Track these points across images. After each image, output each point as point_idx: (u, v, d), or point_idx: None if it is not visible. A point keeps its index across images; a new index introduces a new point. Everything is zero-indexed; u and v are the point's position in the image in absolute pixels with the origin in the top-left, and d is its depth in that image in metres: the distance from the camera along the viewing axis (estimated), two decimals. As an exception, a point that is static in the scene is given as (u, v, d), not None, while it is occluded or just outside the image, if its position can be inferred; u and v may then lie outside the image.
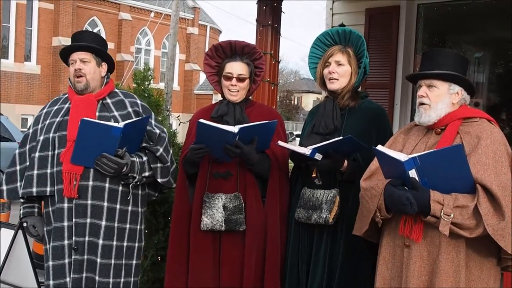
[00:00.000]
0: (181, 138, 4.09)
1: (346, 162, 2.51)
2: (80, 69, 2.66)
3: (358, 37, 2.69)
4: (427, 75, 2.21)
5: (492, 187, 1.94)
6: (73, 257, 2.59)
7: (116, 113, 2.70)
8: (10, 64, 18.38)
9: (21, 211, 2.75)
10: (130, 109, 2.75)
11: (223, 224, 2.61)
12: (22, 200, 2.73)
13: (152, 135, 2.74)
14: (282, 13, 4.53)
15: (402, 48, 5.13)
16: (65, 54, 2.75)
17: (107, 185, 2.62)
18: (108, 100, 2.74)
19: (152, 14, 21.99)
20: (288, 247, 2.71)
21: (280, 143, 2.55)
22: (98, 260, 2.61)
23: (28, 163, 2.69)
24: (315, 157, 2.47)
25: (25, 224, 2.73)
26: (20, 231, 3.17)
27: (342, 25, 2.85)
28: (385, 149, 2.11)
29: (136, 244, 2.75)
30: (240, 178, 2.67)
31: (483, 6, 5.38)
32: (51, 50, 19.59)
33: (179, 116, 4.46)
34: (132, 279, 2.74)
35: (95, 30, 21.81)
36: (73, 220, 2.58)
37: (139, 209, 2.77)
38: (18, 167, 2.73)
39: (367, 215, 2.20)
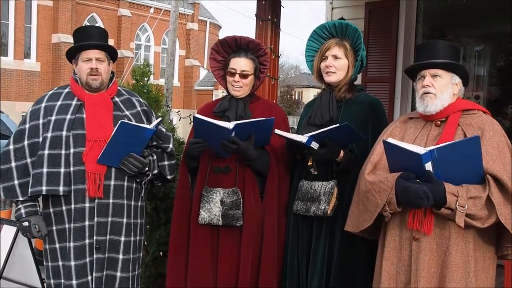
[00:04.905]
0: (180, 133, 4.10)
1: (342, 153, 2.51)
2: (97, 68, 2.65)
3: (354, 30, 2.68)
4: (432, 64, 2.19)
5: (503, 177, 1.97)
6: (95, 256, 2.61)
7: (127, 112, 2.74)
8: (10, 61, 18.36)
9: (22, 210, 2.65)
10: (139, 108, 2.81)
11: (220, 219, 2.62)
12: (21, 199, 2.64)
13: (160, 134, 2.80)
14: (281, 7, 4.52)
15: (402, 42, 5.13)
16: (76, 50, 2.69)
17: (125, 183, 2.68)
18: (117, 99, 2.77)
19: (152, 10, 21.94)
20: (287, 240, 2.71)
21: (277, 131, 2.54)
22: (120, 256, 2.66)
23: (28, 160, 2.63)
24: (311, 145, 2.46)
25: (26, 224, 2.64)
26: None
27: (342, 19, 2.84)
28: (397, 142, 2.09)
29: (142, 237, 2.84)
30: (239, 173, 2.67)
31: (483, -1, 5.36)
32: (51, 47, 19.56)
33: (179, 111, 4.46)
34: (138, 272, 2.81)
35: (94, 27, 21.79)
36: (95, 219, 2.60)
37: (144, 204, 2.86)
38: (13, 164, 2.63)
39: (372, 210, 2.17)
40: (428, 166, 1.99)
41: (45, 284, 2.76)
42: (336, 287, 2.52)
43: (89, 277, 2.61)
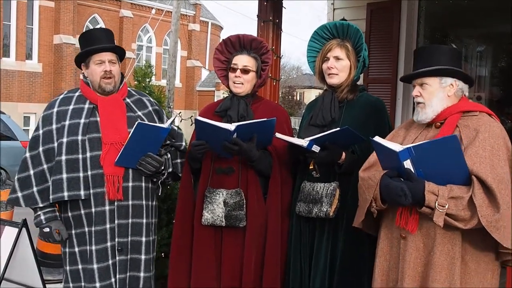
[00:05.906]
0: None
1: (344, 154, 2.51)
2: (111, 70, 2.66)
3: (356, 30, 2.68)
4: (415, 75, 2.23)
5: (487, 179, 1.95)
6: (117, 258, 2.63)
7: (139, 113, 2.76)
8: (12, 62, 18.38)
9: (42, 217, 2.64)
10: (150, 108, 2.83)
11: (224, 220, 2.62)
12: (41, 205, 2.64)
13: (173, 132, 2.83)
14: (283, 8, 4.53)
15: (403, 43, 5.12)
16: (88, 54, 2.68)
17: (143, 184, 2.71)
18: (128, 100, 2.78)
19: (153, 11, 21.97)
20: (290, 241, 2.71)
21: (278, 135, 2.55)
22: (143, 257, 2.70)
23: (44, 166, 2.64)
24: (312, 149, 2.46)
25: (47, 230, 2.63)
26: (24, 229, 3.18)
27: (343, 20, 2.84)
28: (381, 140, 2.12)
29: (156, 236, 2.88)
30: (242, 174, 2.67)
31: (485, -1, 5.36)
32: (52, 48, 19.57)
33: (180, 112, 4.47)
34: (154, 271, 2.85)
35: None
36: (116, 221, 2.62)
37: (157, 203, 2.91)
38: (31, 171, 2.64)
39: (363, 205, 2.23)
40: (408, 164, 2.00)
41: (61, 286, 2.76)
42: (341, 286, 2.52)
43: (113, 279, 2.63)
